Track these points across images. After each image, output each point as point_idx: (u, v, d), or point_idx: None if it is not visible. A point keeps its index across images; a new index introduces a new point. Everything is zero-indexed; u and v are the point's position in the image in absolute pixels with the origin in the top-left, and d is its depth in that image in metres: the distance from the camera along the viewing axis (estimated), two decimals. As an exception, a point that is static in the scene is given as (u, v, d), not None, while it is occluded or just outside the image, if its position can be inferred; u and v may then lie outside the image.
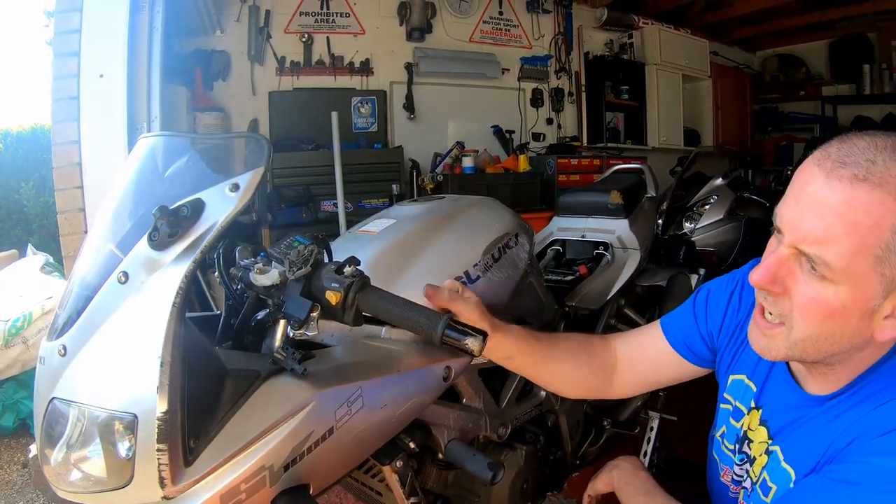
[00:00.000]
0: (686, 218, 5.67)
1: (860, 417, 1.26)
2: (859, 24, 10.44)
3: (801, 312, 1.24)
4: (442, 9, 8.24)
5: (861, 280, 1.15)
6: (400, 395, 1.66)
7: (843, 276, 1.15)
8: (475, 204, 2.48)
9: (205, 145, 1.69)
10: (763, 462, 1.49)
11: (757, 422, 1.56)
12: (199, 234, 1.36)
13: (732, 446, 1.68)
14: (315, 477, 1.46)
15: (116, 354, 1.31)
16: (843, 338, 1.23)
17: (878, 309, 1.18)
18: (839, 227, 1.13)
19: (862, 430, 1.23)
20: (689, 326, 1.84)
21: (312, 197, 6.84)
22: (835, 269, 1.15)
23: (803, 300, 1.22)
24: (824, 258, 1.16)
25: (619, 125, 9.77)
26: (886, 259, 1.12)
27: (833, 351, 1.26)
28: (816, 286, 1.19)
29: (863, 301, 1.17)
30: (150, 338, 1.23)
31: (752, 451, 1.56)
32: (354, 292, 1.47)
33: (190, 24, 6.46)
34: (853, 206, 1.12)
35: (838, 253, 1.14)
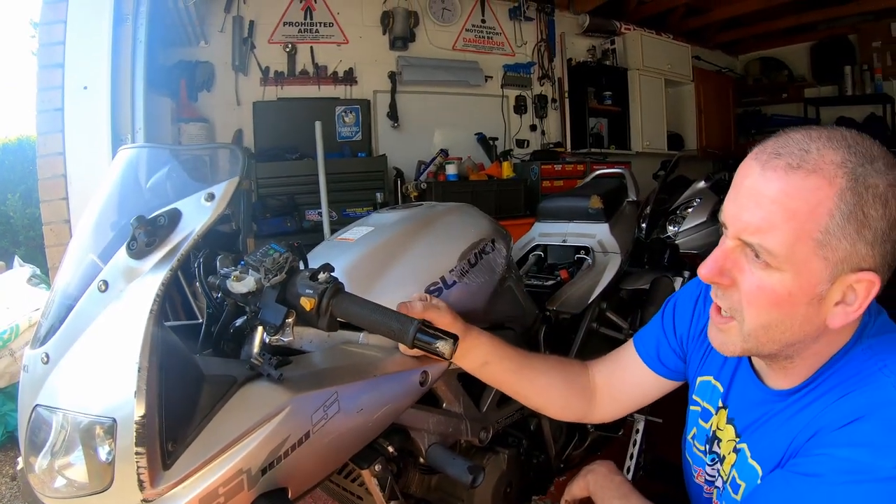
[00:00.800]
0: (669, 221, 5.70)
1: (822, 410, 1.27)
2: (840, 26, 10.49)
3: (749, 301, 1.26)
4: (425, 17, 8.28)
5: (804, 266, 1.17)
6: (376, 399, 1.68)
7: (787, 262, 1.18)
8: (452, 210, 2.50)
9: (183, 156, 1.72)
10: (732, 460, 1.50)
11: (724, 421, 1.58)
12: (175, 243, 1.38)
13: (703, 447, 1.69)
14: (293, 481, 1.48)
15: (97, 361, 1.33)
16: (794, 325, 1.24)
17: (825, 295, 1.20)
18: (778, 215, 1.16)
19: (824, 422, 1.24)
20: (659, 340, 1.86)
21: (297, 206, 6.85)
22: (777, 256, 1.18)
23: (750, 289, 1.24)
24: (766, 246, 1.18)
25: (602, 130, 9.80)
26: (827, 243, 1.15)
27: (786, 340, 1.27)
28: (761, 275, 1.22)
29: (808, 287, 1.19)
30: (129, 344, 1.25)
31: (722, 451, 1.57)
32: (328, 298, 1.49)
33: (174, 36, 6.45)
34: (789, 194, 1.16)
35: (779, 240, 1.17)
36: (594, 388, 1.99)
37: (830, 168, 1.14)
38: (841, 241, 1.14)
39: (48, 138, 4.11)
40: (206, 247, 1.87)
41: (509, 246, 2.49)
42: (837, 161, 1.15)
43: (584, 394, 1.98)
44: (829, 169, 1.14)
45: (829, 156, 1.15)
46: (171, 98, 6.36)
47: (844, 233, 1.14)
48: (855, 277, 1.17)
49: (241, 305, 1.70)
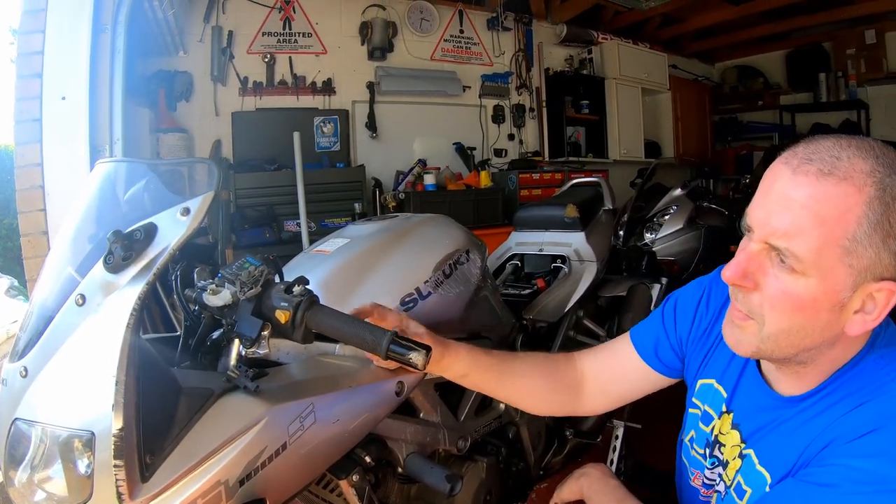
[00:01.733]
0: (647, 229, 5.69)
1: (836, 419, 1.27)
2: (814, 34, 10.61)
3: (772, 305, 1.26)
4: (403, 28, 8.28)
5: (830, 272, 1.18)
6: (352, 410, 1.70)
7: (813, 268, 1.18)
8: (426, 222, 2.52)
9: (158, 170, 1.73)
10: (737, 466, 1.50)
11: (728, 426, 1.57)
12: (152, 257, 1.39)
13: (702, 450, 1.68)
14: (271, 492, 1.49)
15: (75, 374, 1.34)
16: (815, 331, 1.25)
17: (847, 302, 1.21)
18: (807, 220, 1.17)
19: (839, 432, 1.25)
20: (658, 336, 1.85)
21: (276, 217, 6.83)
22: (804, 261, 1.18)
23: (774, 293, 1.25)
24: (793, 250, 1.19)
25: (579, 139, 9.83)
26: (854, 250, 1.16)
27: (804, 345, 1.28)
28: (786, 279, 1.22)
29: (832, 293, 1.20)
30: (106, 357, 1.26)
31: (725, 455, 1.57)
32: (303, 311, 1.51)
33: (153, 45, 6.42)
34: (819, 200, 1.16)
35: (807, 245, 1.17)
36: (582, 380, 1.98)
37: (860, 176, 1.16)
38: (867, 249, 1.16)
39: (26, 149, 4.08)
40: (184, 259, 1.88)
41: (484, 256, 2.51)
42: (867, 170, 1.16)
43: (571, 388, 1.97)
44: (859, 177, 1.16)
45: (859, 164, 1.17)
46: (149, 108, 6.35)
47: (871, 241, 1.15)
48: (876, 286, 1.19)
49: (217, 318, 1.71)
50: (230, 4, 7.18)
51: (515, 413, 2.67)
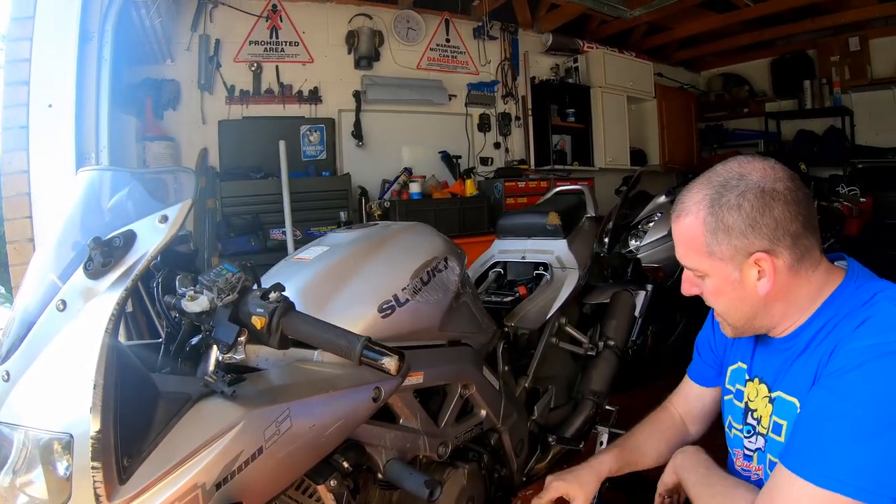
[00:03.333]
0: (631, 236, 5.71)
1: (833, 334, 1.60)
2: (798, 41, 10.67)
3: (710, 300, 1.80)
4: (389, 37, 8.29)
5: (712, 268, 1.68)
6: (328, 415, 1.72)
7: (706, 271, 1.70)
8: (405, 230, 2.55)
9: (139, 179, 1.75)
10: (769, 411, 1.77)
11: (755, 391, 1.87)
12: (130, 264, 1.42)
13: (739, 426, 1.93)
14: (248, 496, 1.51)
15: (55, 378, 1.36)
16: (742, 304, 1.72)
17: (741, 278, 1.65)
18: (683, 248, 1.73)
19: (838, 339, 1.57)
20: (701, 365, 2.27)
21: (262, 225, 6.79)
22: (699, 269, 1.72)
23: (706, 293, 1.78)
24: (692, 266, 1.74)
25: (565, 147, 9.83)
26: (713, 251, 1.64)
27: (747, 314, 1.73)
28: (703, 282, 1.75)
29: (725, 279, 1.68)
30: (85, 361, 1.29)
31: (758, 412, 1.84)
32: (278, 317, 1.54)
33: (140, 54, 6.40)
34: (681, 233, 1.72)
35: (692, 261, 1.72)
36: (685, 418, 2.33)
37: (694, 207, 1.67)
38: (720, 245, 1.63)
39: (13, 156, 4.06)
40: (166, 267, 1.91)
41: (463, 263, 2.54)
42: (698, 199, 1.66)
43: (681, 430, 2.31)
44: (693, 208, 1.67)
45: (694, 198, 1.68)
46: (136, 116, 6.28)
47: (718, 240, 1.63)
48: (752, 259, 1.61)
49: (196, 325, 1.74)
50: (217, 13, 7.16)
51: (497, 419, 2.68)
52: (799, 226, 1.60)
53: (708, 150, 12.18)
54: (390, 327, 2.10)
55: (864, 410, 1.42)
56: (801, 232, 1.61)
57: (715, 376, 2.21)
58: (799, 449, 1.52)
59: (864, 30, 9.85)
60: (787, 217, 1.58)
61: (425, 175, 8.11)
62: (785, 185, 1.60)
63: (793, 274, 1.64)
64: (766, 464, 1.77)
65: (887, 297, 1.58)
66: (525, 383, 3.12)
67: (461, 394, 2.49)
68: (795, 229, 1.60)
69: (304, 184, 7.09)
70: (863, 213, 8.08)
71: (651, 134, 10.97)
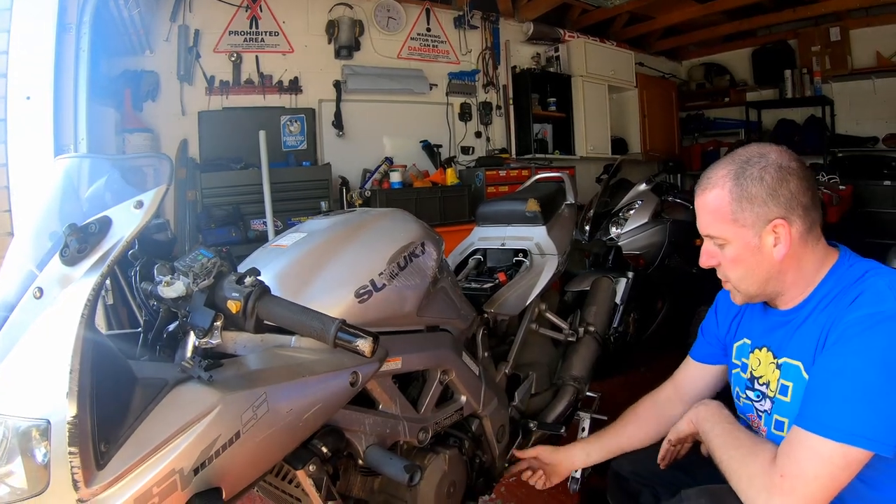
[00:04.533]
0: (612, 223, 5.74)
1: (831, 308, 1.82)
2: (779, 31, 10.74)
3: (727, 268, 1.97)
4: (370, 26, 8.26)
5: (735, 235, 1.88)
6: (305, 399, 1.72)
7: (728, 237, 1.90)
8: (382, 215, 2.55)
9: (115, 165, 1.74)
10: (777, 376, 1.97)
11: (759, 358, 2.08)
12: (106, 249, 1.42)
13: (745, 394, 2.15)
14: (226, 481, 1.51)
15: (33, 366, 1.36)
16: (758, 269, 1.91)
17: (759, 244, 1.86)
18: (710, 217, 1.93)
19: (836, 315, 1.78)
20: (705, 346, 2.46)
21: (242, 216, 6.78)
22: (722, 236, 1.91)
23: (724, 261, 1.96)
24: (715, 234, 1.93)
25: (546, 136, 9.85)
26: (738, 217, 1.86)
27: (760, 279, 1.93)
28: (723, 251, 1.94)
29: (746, 245, 1.88)
30: (61, 348, 1.28)
31: (765, 377, 2.03)
32: (253, 300, 1.54)
33: (119, 45, 6.35)
34: (708, 203, 1.92)
35: (717, 229, 1.92)
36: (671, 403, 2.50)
37: (721, 180, 1.89)
38: (744, 212, 1.85)
39: (-9, 149, 4.05)
40: (144, 255, 1.91)
41: (440, 249, 2.53)
42: (723, 174, 1.90)
43: (670, 416, 2.39)
44: (720, 181, 1.90)
45: (718, 172, 1.92)
46: (115, 108, 6.22)
47: (742, 207, 1.85)
48: (771, 226, 1.83)
49: (173, 311, 1.74)
50: (196, 3, 7.11)
51: (477, 405, 2.70)
52: (808, 199, 1.85)
53: (689, 140, 12.31)
54: (368, 312, 2.10)
55: (868, 370, 1.63)
56: (809, 205, 1.85)
57: (718, 354, 2.40)
58: (812, 410, 1.71)
59: (845, 20, 9.92)
60: (800, 190, 1.83)
61: (406, 164, 8.13)
62: (797, 164, 1.87)
63: (803, 243, 1.88)
64: (771, 424, 2.00)
65: (877, 274, 1.82)
66: (505, 369, 3.13)
67: (440, 380, 2.49)
68: (806, 202, 1.84)
69: (284, 174, 7.08)
70: (842, 201, 8.14)
71: (632, 123, 11.02)
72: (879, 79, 9.93)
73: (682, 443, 2.24)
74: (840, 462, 1.62)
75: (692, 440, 2.22)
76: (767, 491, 1.68)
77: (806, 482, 1.64)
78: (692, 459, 2.24)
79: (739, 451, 1.86)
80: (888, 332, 1.65)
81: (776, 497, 1.66)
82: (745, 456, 1.83)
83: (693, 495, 1.91)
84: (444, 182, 8.06)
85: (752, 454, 1.81)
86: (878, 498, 1.79)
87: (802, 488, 1.64)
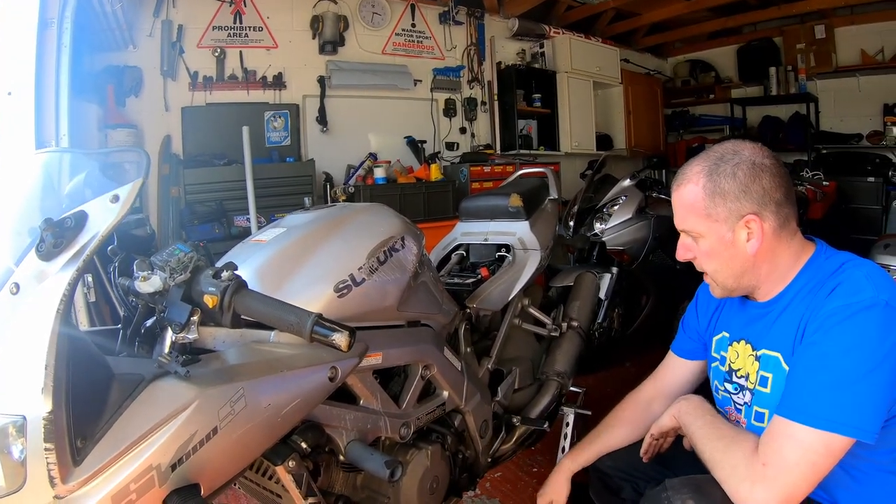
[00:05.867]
0: (596, 219, 5.74)
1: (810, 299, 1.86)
2: (765, 29, 10.79)
3: (703, 261, 2.02)
4: (355, 22, 8.24)
5: (709, 229, 1.93)
6: (284, 395, 1.71)
7: (703, 231, 1.95)
8: (363, 210, 2.55)
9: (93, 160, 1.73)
10: (756, 368, 2.01)
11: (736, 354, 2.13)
12: (82, 244, 1.41)
13: (723, 387, 2.19)
14: (204, 477, 1.51)
15: (9, 361, 1.35)
16: (733, 262, 1.95)
17: (733, 238, 1.91)
18: (683, 211, 1.99)
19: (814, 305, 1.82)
20: (686, 340, 2.50)
21: (226, 212, 6.75)
22: (697, 231, 1.97)
23: (699, 254, 2.01)
24: (690, 229, 1.99)
25: (531, 132, 9.85)
26: (711, 212, 1.91)
27: (736, 272, 1.97)
28: (698, 245, 2.00)
29: (720, 239, 1.92)
30: (37, 343, 1.28)
31: (744, 369, 2.08)
32: (230, 295, 1.53)
33: (102, 40, 6.30)
34: (682, 198, 1.98)
35: (691, 223, 1.97)
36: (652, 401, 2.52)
37: (695, 176, 1.95)
38: (717, 207, 1.89)
39: (-28, 145, 4.03)
40: (123, 251, 1.90)
41: (421, 244, 2.53)
42: (696, 170, 1.95)
43: (651, 415, 2.42)
44: (694, 177, 1.95)
45: (694, 169, 1.97)
46: (98, 104, 6.23)
47: (715, 203, 1.89)
48: (744, 220, 1.88)
49: (151, 306, 1.74)
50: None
51: (460, 400, 2.70)
52: (781, 195, 1.90)
53: (674, 136, 12.34)
54: (347, 307, 2.09)
55: (847, 359, 1.68)
56: (783, 201, 1.90)
57: (698, 349, 2.43)
58: (793, 399, 1.75)
59: (830, 18, 9.96)
60: (773, 186, 1.88)
61: (390, 160, 8.10)
62: (771, 161, 1.91)
63: (776, 237, 1.92)
64: (751, 415, 2.03)
65: (854, 266, 1.86)
66: (488, 364, 3.12)
67: (422, 375, 2.49)
68: (779, 198, 1.89)
69: (268, 170, 7.06)
70: (826, 197, 8.15)
71: (617, 119, 11.05)
72: (864, 76, 9.99)
73: (664, 437, 2.27)
74: (821, 449, 1.66)
75: (674, 434, 2.24)
76: (750, 480, 1.71)
77: (788, 470, 1.67)
78: (673, 454, 2.25)
79: (721, 442, 1.89)
80: (866, 320, 1.70)
81: (758, 485, 1.69)
82: (727, 446, 1.86)
83: (677, 485, 1.90)
84: (429, 178, 8.05)
85: (734, 444, 1.85)
86: (863, 489, 1.84)
87: (784, 476, 1.67)
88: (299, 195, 7.08)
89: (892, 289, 1.76)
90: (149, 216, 6.51)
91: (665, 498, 1.88)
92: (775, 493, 1.66)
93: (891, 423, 1.74)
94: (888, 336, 1.68)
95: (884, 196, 8.92)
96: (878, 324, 1.69)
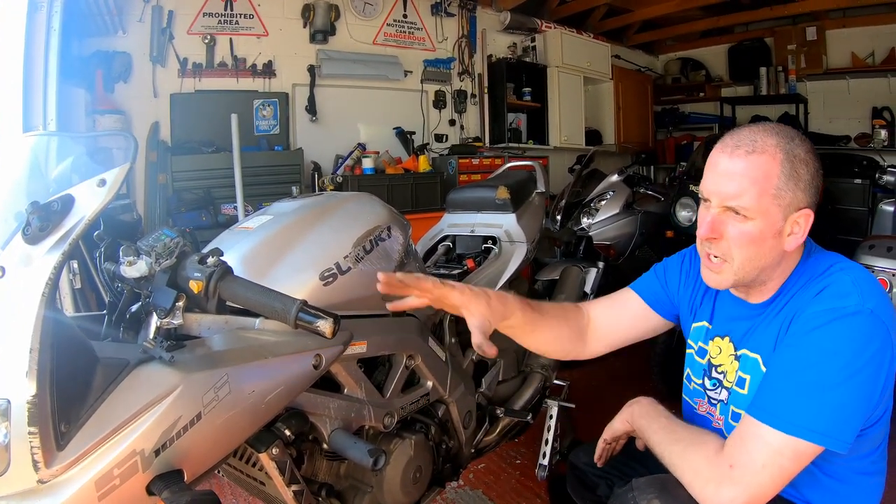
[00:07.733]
0: (584, 213, 5.75)
1: (795, 301, 1.81)
2: (756, 29, 10.84)
3: (737, 245, 1.78)
4: (346, 11, 8.21)
5: (767, 212, 1.73)
6: (268, 382, 1.72)
7: (757, 213, 1.73)
8: (349, 199, 2.55)
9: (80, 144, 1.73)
10: (735, 367, 1.97)
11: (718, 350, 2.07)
12: (68, 228, 1.41)
13: (700, 380, 2.14)
14: (188, 462, 1.51)
15: (-5, 345, 1.34)
16: (767, 254, 1.79)
17: (781, 229, 1.75)
18: (747, 183, 1.72)
19: (799, 306, 1.78)
20: (655, 286, 2.35)
21: (213, 200, 6.74)
22: (751, 209, 1.73)
23: (736, 236, 1.77)
24: (742, 205, 1.73)
25: (520, 126, 9.87)
26: (779, 194, 1.72)
27: (762, 266, 1.81)
28: (741, 226, 1.76)
29: (772, 226, 1.74)
30: (22, 327, 1.28)
31: (723, 367, 2.04)
32: (215, 281, 1.54)
33: (91, 25, 6.27)
34: (751, 169, 1.73)
35: (750, 199, 1.72)
36: (587, 326, 2.36)
37: (772, 149, 1.73)
38: (786, 192, 1.72)
39: (-41, 130, 4.01)
40: (109, 236, 1.89)
41: (407, 234, 2.54)
42: (774, 143, 1.74)
43: (581, 334, 2.34)
44: (771, 150, 1.73)
45: (769, 140, 1.74)
46: (86, 89, 6.18)
47: (787, 186, 1.72)
48: (798, 214, 1.75)
49: (137, 291, 1.74)
50: (171, -17, 7.02)
51: (444, 391, 2.71)
52: None
53: (663, 133, 12.36)
54: (332, 295, 2.10)
55: (824, 365, 1.64)
56: None
57: (665, 306, 2.34)
58: (765, 400, 1.71)
59: (822, 20, 10.01)
60: (820, 186, 1.80)
61: (379, 151, 8.10)
62: None
63: None
64: (728, 414, 1.98)
65: (842, 269, 1.81)
66: (472, 356, 3.13)
67: (406, 364, 2.50)
68: None
69: (256, 158, 7.05)
70: (814, 198, 8.17)
71: (607, 115, 11.07)
72: (854, 79, 10.03)
73: (616, 440, 2.26)
74: (789, 454, 1.64)
75: (626, 437, 2.23)
76: (716, 481, 1.69)
77: (755, 472, 1.65)
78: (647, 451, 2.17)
79: (680, 445, 1.87)
80: (848, 328, 1.66)
81: (725, 486, 1.67)
82: (686, 449, 1.84)
83: (643, 485, 1.88)
84: (417, 169, 8.06)
85: (694, 446, 1.82)
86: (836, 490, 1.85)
87: (751, 477, 1.65)
88: (287, 184, 7.08)
89: (879, 297, 1.72)
90: (136, 203, 6.51)
91: (631, 498, 1.87)
92: (741, 494, 1.65)
93: (866, 431, 1.75)
94: (869, 345, 1.64)
95: (870, 198, 8.92)
96: (861, 332, 1.65)
